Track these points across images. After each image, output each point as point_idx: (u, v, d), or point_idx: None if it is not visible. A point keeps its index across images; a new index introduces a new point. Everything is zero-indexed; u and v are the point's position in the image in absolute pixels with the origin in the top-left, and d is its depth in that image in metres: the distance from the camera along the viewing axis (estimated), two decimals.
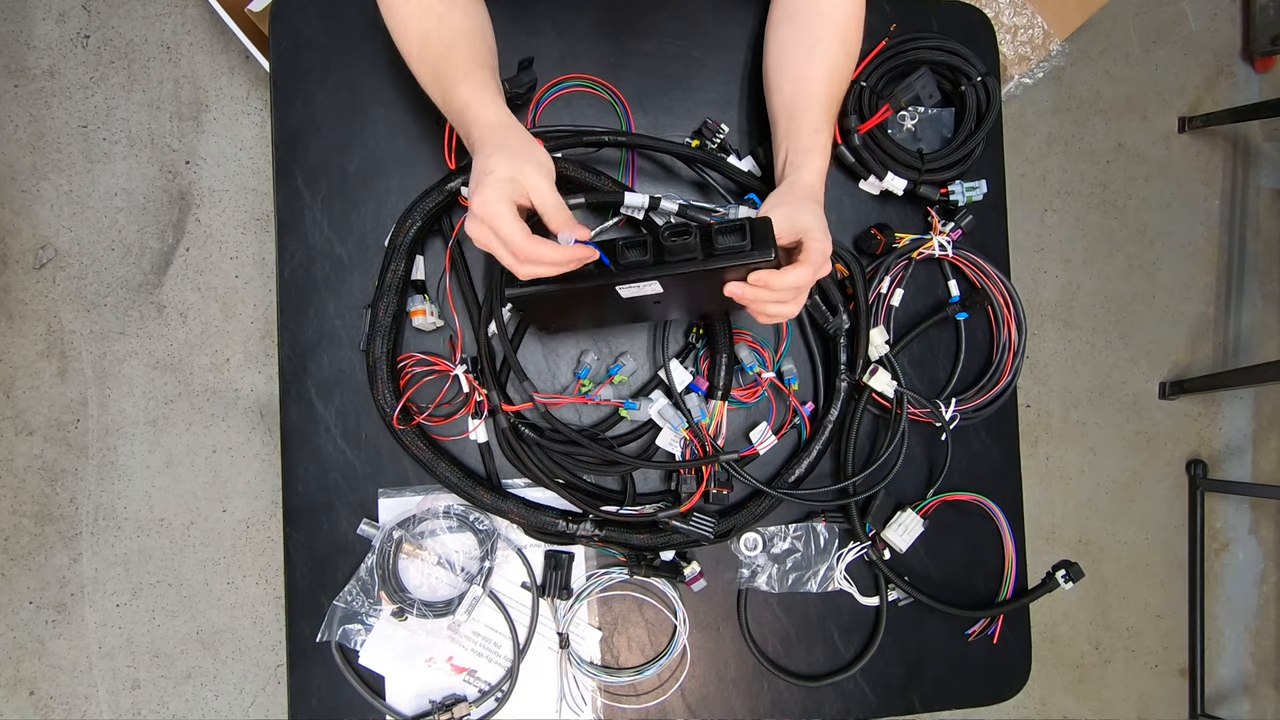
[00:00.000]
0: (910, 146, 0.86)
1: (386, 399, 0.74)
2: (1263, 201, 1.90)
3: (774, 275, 0.62)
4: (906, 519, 0.83)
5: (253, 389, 1.54)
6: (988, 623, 0.86)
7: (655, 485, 0.81)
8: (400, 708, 0.77)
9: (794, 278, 0.63)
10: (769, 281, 0.63)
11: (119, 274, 1.52)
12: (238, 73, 1.56)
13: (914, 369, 0.87)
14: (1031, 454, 1.79)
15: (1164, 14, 1.87)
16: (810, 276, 0.65)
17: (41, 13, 1.52)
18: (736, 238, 0.62)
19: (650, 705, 0.81)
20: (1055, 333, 1.82)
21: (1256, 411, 1.91)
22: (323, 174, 0.80)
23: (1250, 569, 1.90)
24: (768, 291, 0.63)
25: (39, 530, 1.49)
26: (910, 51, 0.85)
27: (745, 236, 0.62)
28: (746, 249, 0.62)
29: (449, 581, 0.77)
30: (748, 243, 0.62)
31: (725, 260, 0.62)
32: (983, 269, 0.85)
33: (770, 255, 0.61)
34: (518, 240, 0.61)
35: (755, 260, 0.62)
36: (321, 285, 0.79)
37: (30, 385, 1.50)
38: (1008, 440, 0.89)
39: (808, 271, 0.64)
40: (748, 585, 0.82)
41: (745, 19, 0.86)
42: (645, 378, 0.82)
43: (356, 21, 0.80)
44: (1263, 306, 1.90)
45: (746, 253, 0.62)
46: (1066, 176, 1.82)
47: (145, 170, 1.53)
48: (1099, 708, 1.82)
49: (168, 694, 1.52)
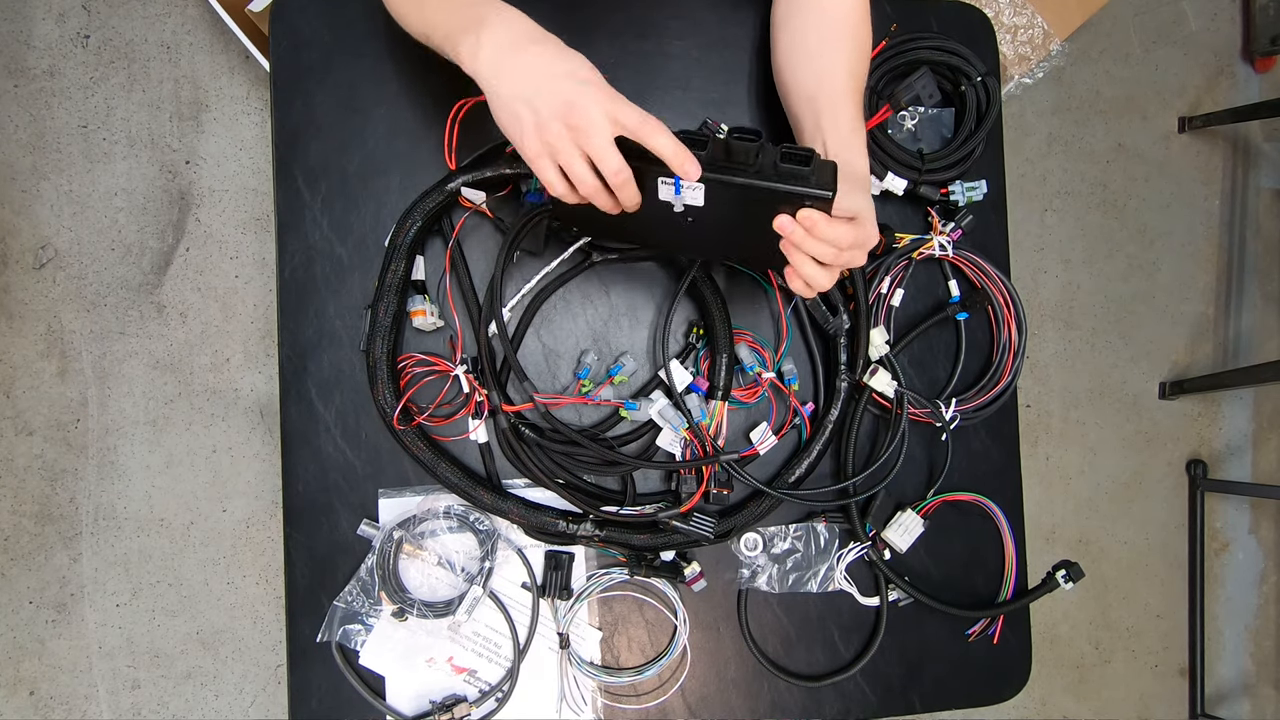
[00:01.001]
0: (910, 146, 0.86)
1: (386, 399, 0.74)
2: (1263, 201, 1.90)
3: (823, 220, 0.59)
4: (906, 519, 0.83)
5: (253, 389, 1.54)
6: (988, 623, 0.86)
7: (655, 485, 0.81)
8: (400, 708, 0.77)
9: (841, 232, 0.60)
10: (816, 224, 0.59)
11: (119, 274, 1.52)
12: (238, 73, 1.56)
13: (914, 369, 0.87)
14: (1031, 454, 1.79)
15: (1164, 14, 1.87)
16: (854, 238, 0.62)
17: (41, 13, 1.52)
18: (801, 165, 0.59)
19: (650, 705, 0.81)
20: (1055, 333, 1.82)
21: (1256, 411, 1.91)
22: (323, 174, 0.80)
23: (1250, 569, 1.90)
24: (810, 237, 0.60)
25: (39, 530, 1.49)
26: (910, 51, 0.85)
27: (810, 166, 0.59)
28: (809, 177, 0.59)
29: (449, 582, 0.77)
30: (812, 172, 0.59)
31: (783, 182, 0.58)
32: (983, 269, 0.85)
33: (830, 194, 0.58)
34: (636, 113, 0.57)
35: (813, 193, 0.58)
36: (321, 285, 0.79)
37: (30, 385, 1.50)
38: (1008, 440, 0.89)
39: (854, 233, 0.61)
40: (748, 585, 0.82)
41: (745, 19, 0.86)
42: (645, 378, 0.82)
43: (356, 21, 0.80)
44: (1263, 306, 1.90)
45: (807, 181, 0.58)
46: (1066, 176, 1.82)
47: (145, 170, 1.53)
48: (1099, 708, 1.82)
49: (168, 694, 1.52)
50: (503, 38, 0.60)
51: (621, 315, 0.82)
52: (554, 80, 0.58)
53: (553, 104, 0.57)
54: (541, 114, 0.58)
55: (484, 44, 0.60)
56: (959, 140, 0.85)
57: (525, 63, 0.59)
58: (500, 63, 0.59)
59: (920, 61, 0.85)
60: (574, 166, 0.59)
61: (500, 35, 0.60)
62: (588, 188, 0.60)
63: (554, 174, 0.60)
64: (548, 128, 0.58)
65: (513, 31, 0.60)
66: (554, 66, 0.58)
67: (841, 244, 0.62)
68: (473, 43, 0.60)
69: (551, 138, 0.58)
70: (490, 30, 0.60)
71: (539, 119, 0.58)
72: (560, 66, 0.58)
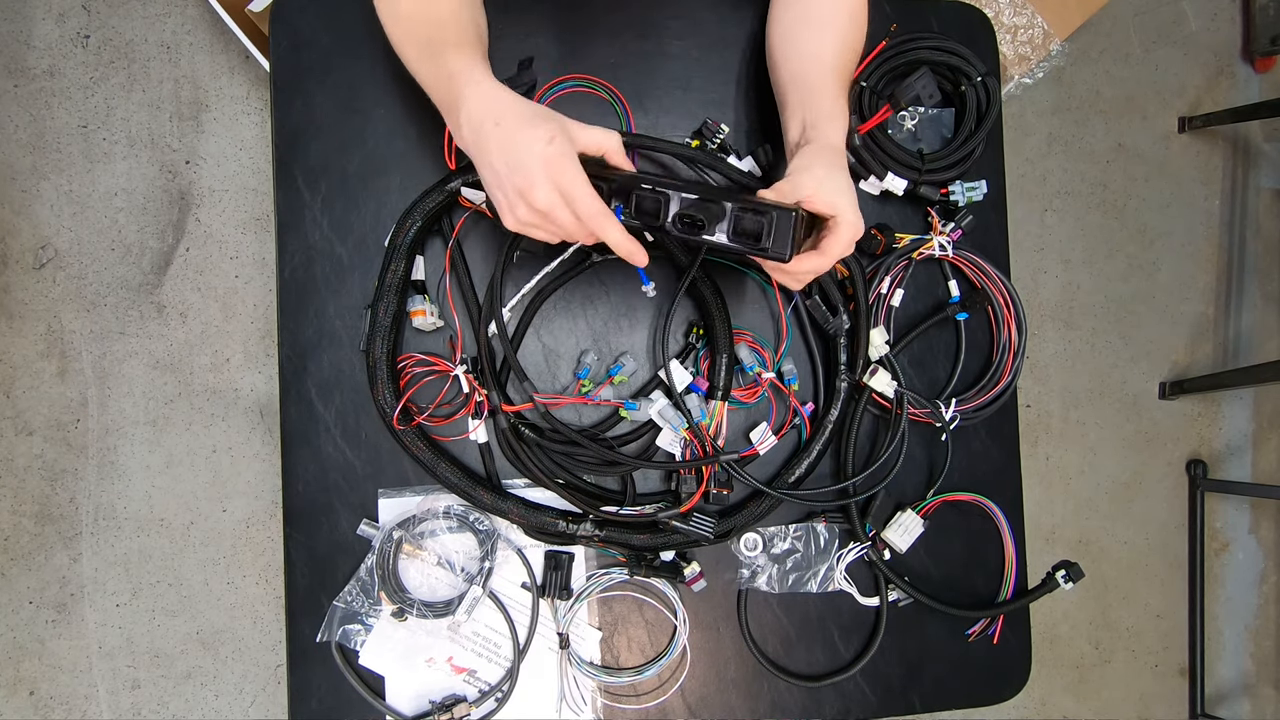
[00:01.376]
0: (910, 146, 0.86)
1: (386, 399, 0.74)
2: (1263, 201, 1.90)
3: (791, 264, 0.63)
4: (906, 519, 0.83)
5: (253, 389, 1.54)
6: (988, 623, 0.86)
7: (655, 485, 0.81)
8: (400, 708, 0.77)
9: (810, 265, 0.64)
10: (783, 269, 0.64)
11: (119, 274, 1.52)
12: (238, 73, 1.56)
13: (914, 369, 0.87)
14: (1031, 454, 1.79)
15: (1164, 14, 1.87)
16: (828, 264, 0.65)
17: (41, 13, 1.52)
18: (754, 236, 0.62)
19: (650, 705, 0.81)
20: (1055, 333, 1.82)
21: (1256, 411, 1.91)
22: (323, 174, 0.80)
23: (1250, 569, 1.90)
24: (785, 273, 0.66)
25: (39, 530, 1.49)
26: (910, 51, 0.85)
27: (766, 232, 0.62)
28: (766, 245, 0.62)
29: (449, 582, 0.78)
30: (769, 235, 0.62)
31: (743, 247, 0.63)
32: (983, 269, 0.85)
33: (785, 256, 0.61)
34: (592, 203, 0.60)
35: (770, 260, 0.63)
36: (321, 285, 0.79)
37: (30, 385, 1.50)
38: (1008, 440, 0.89)
39: (825, 261, 0.64)
40: (748, 585, 0.82)
41: (745, 19, 0.86)
42: (645, 378, 0.82)
43: (356, 21, 0.80)
44: (1263, 306, 1.90)
45: (765, 252, 0.62)
46: (1066, 176, 1.82)
47: (145, 170, 1.53)
48: (1099, 708, 1.82)
49: (168, 694, 1.52)
50: (475, 116, 0.62)
51: (621, 315, 0.82)
52: (513, 168, 0.60)
53: (517, 187, 0.60)
54: (510, 196, 0.61)
55: (462, 124, 0.63)
56: (959, 140, 0.85)
57: (491, 146, 0.61)
58: (473, 145, 0.63)
59: (920, 61, 0.85)
60: (551, 230, 0.63)
61: (473, 114, 0.62)
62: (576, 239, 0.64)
63: (541, 235, 0.64)
64: (517, 208, 0.61)
65: (481, 110, 0.62)
66: (512, 150, 0.60)
67: (814, 273, 0.66)
68: (454, 121, 0.64)
69: (523, 216, 0.61)
70: (465, 110, 0.62)
71: (509, 200, 0.61)
72: (518, 148, 0.60)
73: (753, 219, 0.62)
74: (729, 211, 0.63)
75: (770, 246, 0.62)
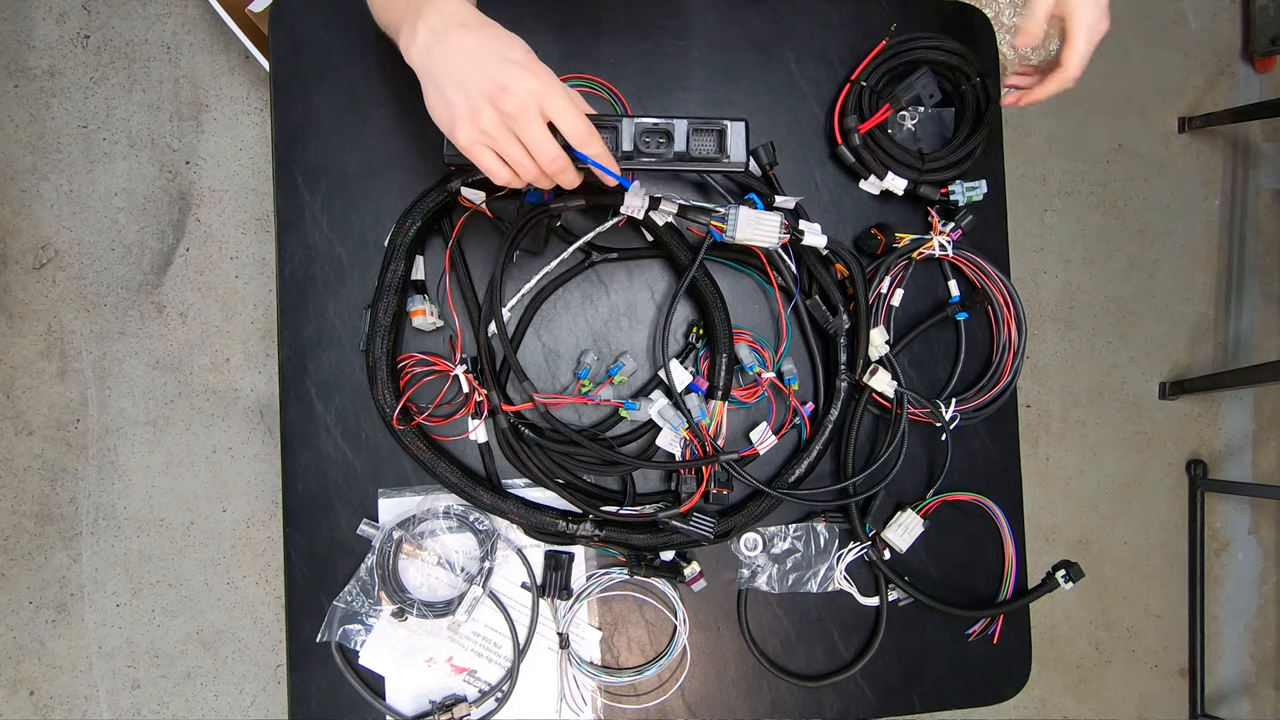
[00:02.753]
0: (910, 146, 0.86)
1: (386, 399, 0.74)
2: (1263, 201, 1.90)
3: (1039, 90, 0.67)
4: (906, 519, 0.83)
5: (253, 389, 1.54)
6: (988, 623, 0.86)
7: (655, 485, 0.81)
8: (400, 708, 0.77)
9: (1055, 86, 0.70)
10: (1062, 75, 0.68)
11: (119, 274, 1.52)
12: (238, 73, 1.56)
13: (914, 369, 0.87)
14: (1031, 454, 1.79)
15: (1164, 14, 1.87)
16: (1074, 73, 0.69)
17: (41, 13, 1.52)
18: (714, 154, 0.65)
19: (650, 705, 0.81)
20: (1055, 333, 1.82)
21: (1256, 411, 1.91)
22: (323, 174, 0.80)
23: (1250, 569, 1.90)
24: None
25: (39, 530, 1.49)
26: (910, 52, 0.85)
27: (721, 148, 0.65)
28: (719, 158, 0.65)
29: (449, 582, 0.77)
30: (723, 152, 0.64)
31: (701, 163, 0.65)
32: (983, 269, 0.85)
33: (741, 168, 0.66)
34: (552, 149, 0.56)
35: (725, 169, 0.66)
36: (321, 285, 0.79)
37: (30, 385, 1.50)
38: (1008, 440, 0.89)
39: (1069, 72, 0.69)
40: (748, 585, 0.82)
41: (745, 19, 0.86)
42: (645, 378, 0.82)
43: (356, 21, 0.80)
44: (1263, 306, 1.90)
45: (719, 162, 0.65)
46: (1066, 176, 1.82)
47: (145, 170, 1.53)
48: (1099, 708, 1.82)
49: (168, 694, 1.52)
50: (436, 24, 0.58)
51: (621, 315, 0.82)
52: (484, 64, 0.56)
53: (484, 88, 0.55)
54: (473, 99, 0.56)
55: (419, 32, 0.58)
56: (959, 140, 0.85)
57: (456, 47, 0.57)
58: (432, 49, 0.58)
59: (920, 61, 0.85)
60: (510, 152, 0.57)
61: (434, 22, 0.58)
62: (529, 173, 0.59)
63: (492, 161, 0.58)
64: (481, 114, 0.56)
65: (445, 17, 0.58)
66: (485, 49, 0.56)
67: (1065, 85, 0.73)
68: (409, 32, 0.59)
69: (486, 125, 0.56)
70: (425, 19, 0.58)
71: (471, 105, 0.56)
72: (492, 48, 0.56)
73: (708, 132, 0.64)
74: (685, 127, 0.64)
75: (731, 156, 0.65)
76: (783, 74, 0.86)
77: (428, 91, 0.59)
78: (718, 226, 0.71)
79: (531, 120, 0.56)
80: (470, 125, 0.57)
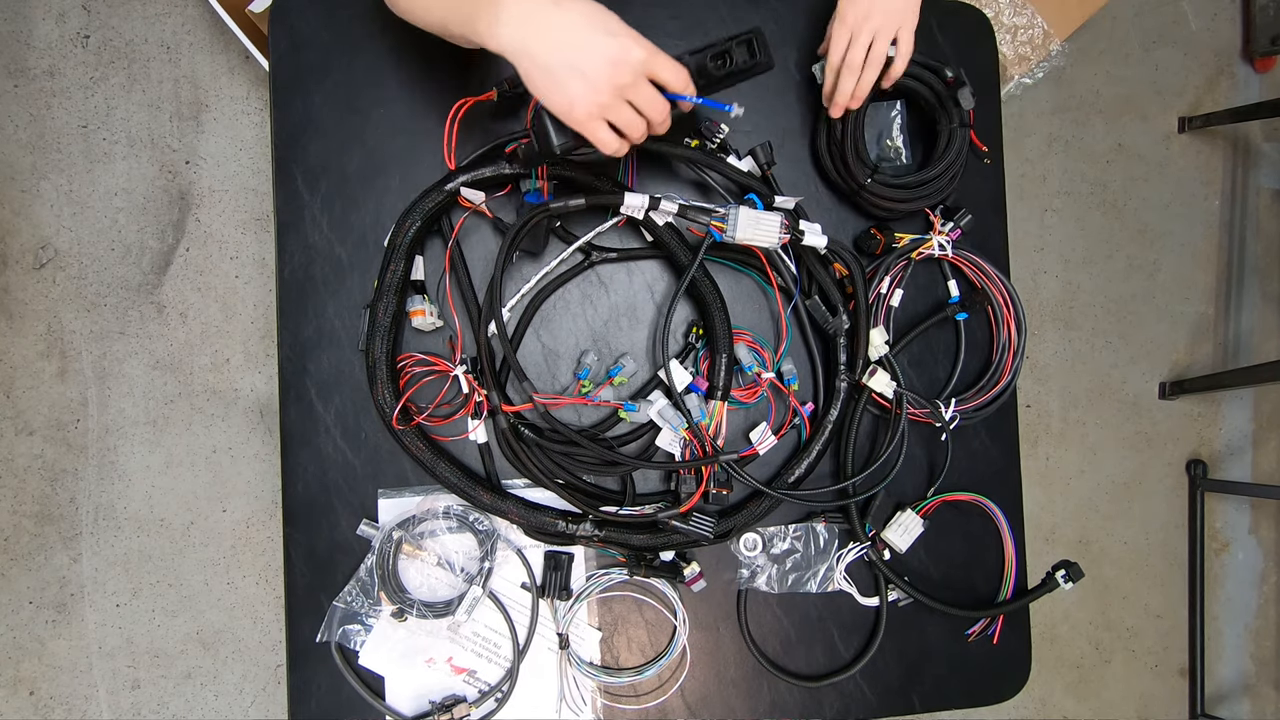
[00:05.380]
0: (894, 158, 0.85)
1: (386, 399, 0.74)
2: (1263, 201, 1.90)
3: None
4: (906, 519, 0.83)
5: (253, 389, 1.54)
6: (988, 623, 0.86)
7: (655, 485, 0.81)
8: (400, 708, 0.77)
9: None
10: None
11: (119, 274, 1.52)
12: (238, 73, 1.56)
13: (914, 369, 0.87)
14: (1031, 454, 1.79)
15: (1164, 14, 1.87)
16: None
17: (41, 13, 1.52)
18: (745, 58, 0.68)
19: (650, 705, 0.81)
20: (1055, 333, 1.82)
21: (1256, 411, 1.91)
22: (323, 174, 0.80)
23: (1250, 569, 1.90)
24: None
25: (39, 530, 1.49)
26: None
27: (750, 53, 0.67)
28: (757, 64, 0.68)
29: (449, 582, 0.77)
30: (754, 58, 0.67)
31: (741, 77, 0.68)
32: (982, 269, 0.85)
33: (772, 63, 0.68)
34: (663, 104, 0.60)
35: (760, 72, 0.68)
36: (321, 285, 0.79)
37: (30, 385, 1.50)
38: (1008, 440, 0.89)
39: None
40: (748, 585, 0.82)
41: (745, 19, 0.86)
42: (645, 378, 0.82)
43: (356, 21, 0.80)
44: (1263, 306, 1.90)
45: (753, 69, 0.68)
46: (1066, 176, 1.82)
47: (145, 170, 1.53)
48: (1099, 708, 1.82)
49: (168, 694, 1.52)
50: (526, 4, 0.58)
51: (621, 315, 0.82)
52: (591, 41, 0.57)
53: (598, 65, 0.57)
54: (590, 77, 0.57)
55: (503, 18, 0.58)
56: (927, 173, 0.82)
57: (557, 26, 0.57)
58: (526, 32, 0.58)
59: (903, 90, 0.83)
60: (624, 117, 0.60)
61: (523, 3, 0.58)
62: (638, 134, 0.62)
63: (606, 133, 0.60)
64: (600, 90, 0.58)
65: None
66: (585, 25, 0.57)
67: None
68: (490, 18, 0.58)
69: (605, 99, 0.58)
70: (508, 3, 0.58)
71: (588, 83, 0.57)
72: (591, 23, 0.58)
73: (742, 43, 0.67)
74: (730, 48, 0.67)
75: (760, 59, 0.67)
76: (782, 74, 0.86)
77: (532, 75, 0.59)
78: (718, 226, 0.71)
79: (642, 84, 0.59)
80: (590, 102, 0.58)
